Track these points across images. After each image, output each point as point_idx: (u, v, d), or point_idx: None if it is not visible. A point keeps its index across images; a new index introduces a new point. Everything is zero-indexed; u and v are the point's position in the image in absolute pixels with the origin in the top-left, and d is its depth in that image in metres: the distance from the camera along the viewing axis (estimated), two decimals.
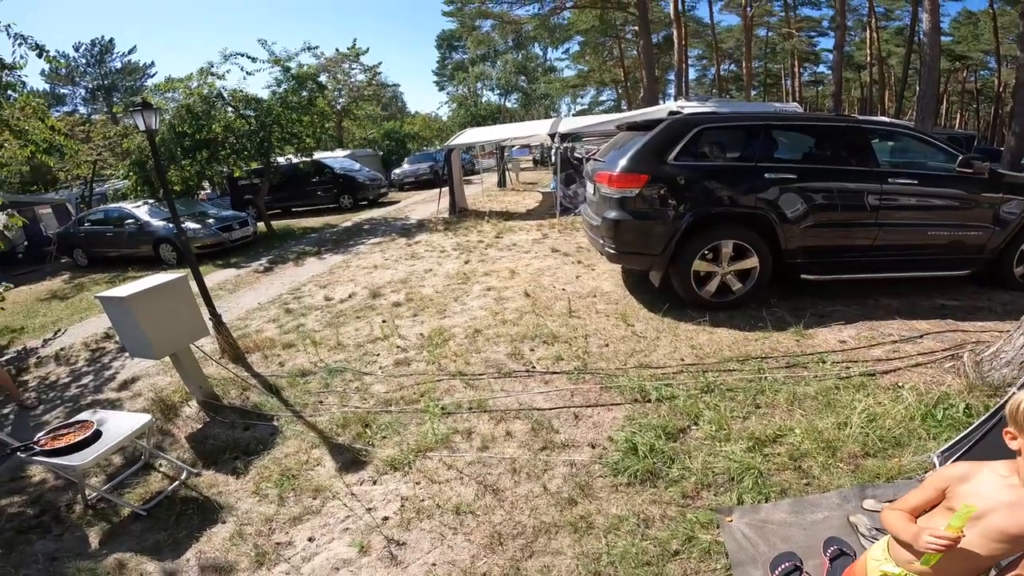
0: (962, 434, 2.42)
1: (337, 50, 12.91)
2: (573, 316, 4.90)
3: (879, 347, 3.82)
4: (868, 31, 34.27)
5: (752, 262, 4.60)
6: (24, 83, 6.05)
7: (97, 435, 2.89)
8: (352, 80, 13.08)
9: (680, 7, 26.98)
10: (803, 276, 4.61)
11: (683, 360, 3.84)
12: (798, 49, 38.32)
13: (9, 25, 5.28)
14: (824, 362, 3.61)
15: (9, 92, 5.89)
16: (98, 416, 3.09)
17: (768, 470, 2.57)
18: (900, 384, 3.24)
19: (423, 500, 2.65)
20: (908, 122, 20.32)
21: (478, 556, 2.26)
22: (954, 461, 2.26)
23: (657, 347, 4.09)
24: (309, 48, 12.87)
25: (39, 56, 5.66)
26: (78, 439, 2.82)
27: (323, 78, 12.63)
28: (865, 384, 3.26)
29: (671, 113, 5.28)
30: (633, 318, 4.70)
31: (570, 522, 2.38)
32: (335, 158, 18.13)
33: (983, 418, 2.36)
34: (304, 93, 12.24)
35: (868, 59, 34.99)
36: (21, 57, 5.69)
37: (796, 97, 39.47)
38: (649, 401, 3.30)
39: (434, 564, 2.24)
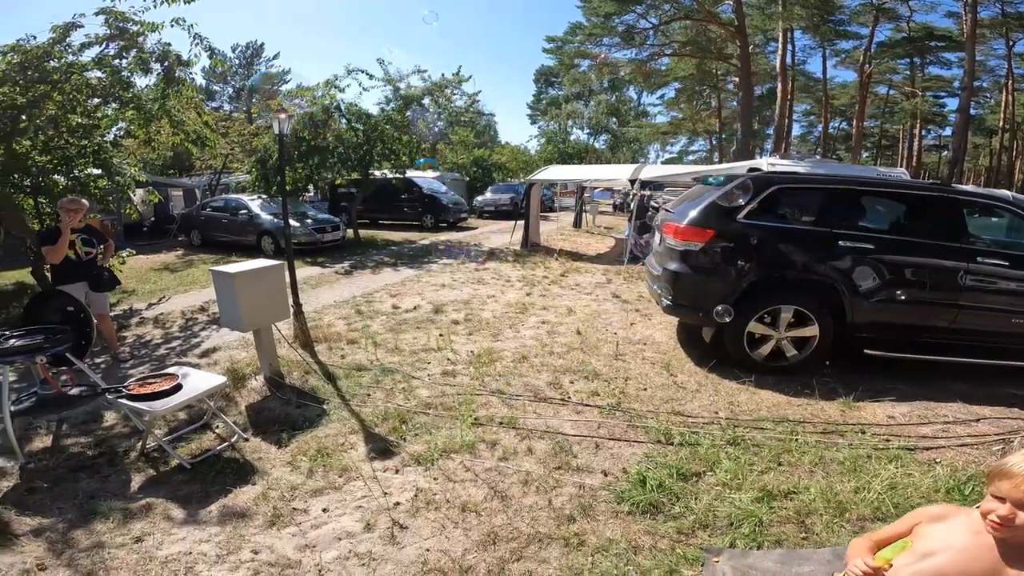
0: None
1: (443, 75, 13.63)
2: (619, 359, 4.96)
3: (929, 426, 3.64)
4: (1004, 93, 31.24)
5: (812, 331, 4.41)
6: (193, 79, 6.59)
7: (178, 388, 3.32)
8: (452, 105, 13.87)
9: (789, 60, 26.23)
10: (867, 351, 4.37)
11: (717, 413, 3.82)
12: (921, 110, 35.40)
13: (192, 25, 5.96)
14: (863, 433, 3.48)
15: (178, 86, 6.53)
16: (182, 371, 3.57)
17: (770, 521, 2.56)
18: (937, 460, 3.12)
19: (435, 494, 2.85)
20: None
21: (470, 550, 2.42)
22: None
23: (695, 399, 4.09)
24: (419, 71, 13.52)
25: (209, 57, 6.35)
26: (162, 388, 3.25)
27: (426, 101, 13.48)
28: (900, 456, 3.15)
29: (751, 169, 5.19)
30: (677, 369, 4.70)
31: (564, 536, 2.49)
32: (424, 178, 18.99)
33: None
34: (408, 113, 13.11)
35: (1001, 123, 31.95)
36: (195, 56, 6.36)
37: (915, 162, 36.53)
38: (672, 444, 3.34)
39: (427, 550, 2.43)
